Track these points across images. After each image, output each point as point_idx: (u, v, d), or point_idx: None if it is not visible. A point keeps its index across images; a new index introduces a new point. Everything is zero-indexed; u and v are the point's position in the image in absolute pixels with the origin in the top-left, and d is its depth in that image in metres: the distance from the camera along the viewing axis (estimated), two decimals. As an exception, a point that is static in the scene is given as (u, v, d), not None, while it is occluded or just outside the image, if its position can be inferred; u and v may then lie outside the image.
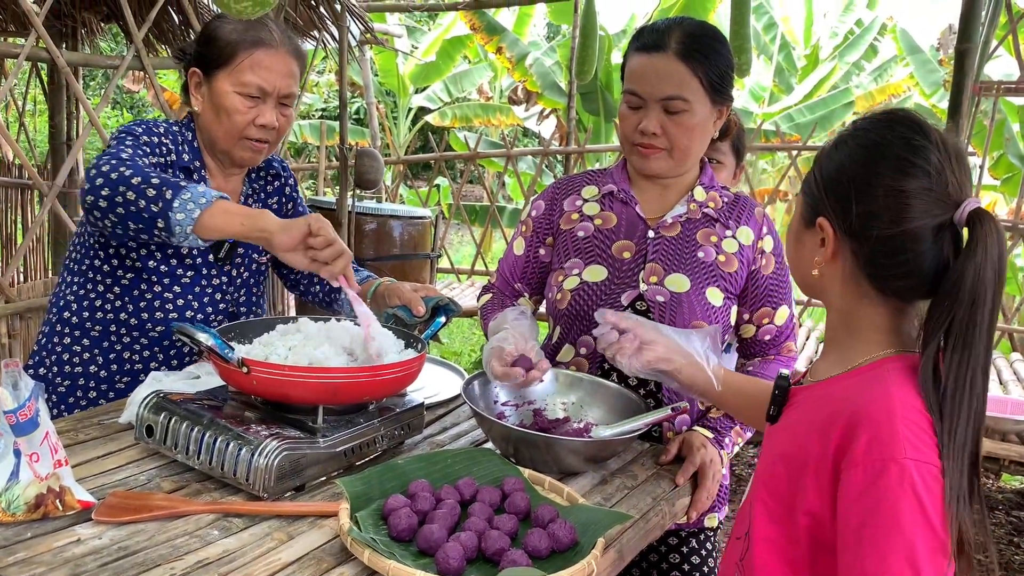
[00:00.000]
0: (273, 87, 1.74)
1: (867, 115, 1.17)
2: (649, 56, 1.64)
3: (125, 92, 13.64)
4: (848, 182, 1.10)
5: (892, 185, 1.07)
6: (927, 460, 1.00)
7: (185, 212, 1.46)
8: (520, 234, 1.87)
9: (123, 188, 1.49)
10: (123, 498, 1.25)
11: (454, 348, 7.32)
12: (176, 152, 1.76)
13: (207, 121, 1.78)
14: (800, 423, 1.17)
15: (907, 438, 1.01)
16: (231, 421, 1.36)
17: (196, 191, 1.48)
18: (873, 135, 1.11)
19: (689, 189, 1.76)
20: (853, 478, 1.02)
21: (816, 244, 1.15)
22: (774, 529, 1.15)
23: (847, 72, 11.63)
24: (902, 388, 1.06)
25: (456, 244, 11.88)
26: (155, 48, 4.31)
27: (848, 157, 1.12)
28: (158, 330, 1.78)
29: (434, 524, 1.18)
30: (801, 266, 1.21)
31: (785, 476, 1.14)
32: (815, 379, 1.22)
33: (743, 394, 1.50)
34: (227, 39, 1.73)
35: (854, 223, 1.09)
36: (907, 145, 1.08)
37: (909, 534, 0.97)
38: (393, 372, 1.43)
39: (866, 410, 1.05)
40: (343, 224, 4.20)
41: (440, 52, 11.31)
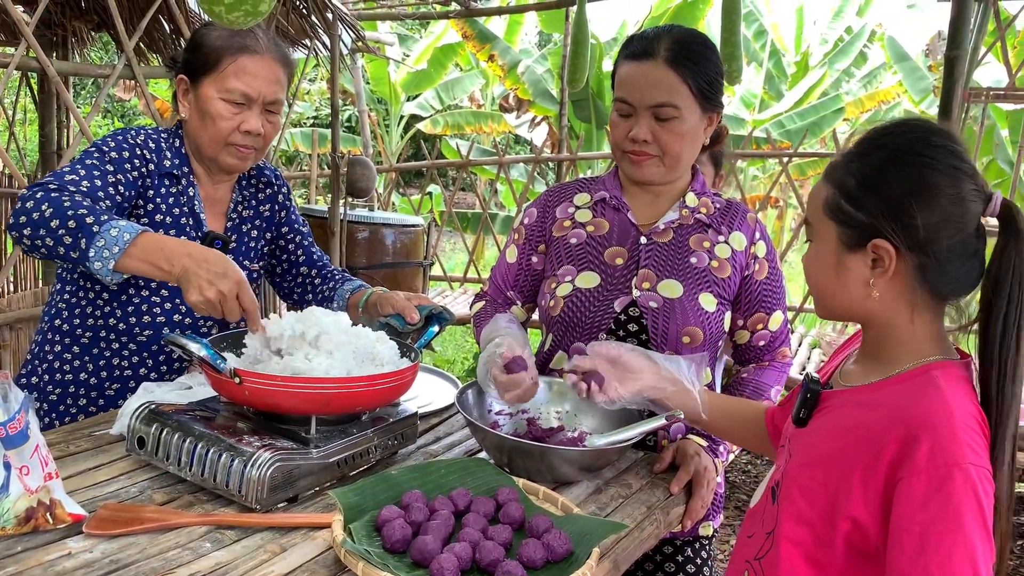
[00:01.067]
0: (258, 93, 1.74)
1: (882, 128, 1.16)
2: (639, 64, 1.64)
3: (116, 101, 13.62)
4: (906, 198, 1.09)
5: (953, 192, 1.08)
6: (984, 464, 1.03)
7: (101, 260, 1.44)
8: (513, 242, 1.87)
9: (43, 230, 1.47)
10: (114, 511, 1.24)
11: (447, 356, 7.31)
12: (158, 159, 1.76)
13: (194, 127, 1.78)
14: (841, 427, 1.16)
15: (968, 443, 1.03)
16: (223, 432, 1.35)
17: (109, 237, 1.44)
18: (914, 148, 1.11)
19: (681, 195, 1.77)
20: (916, 485, 1.03)
21: (866, 267, 1.13)
22: (805, 532, 1.15)
23: (837, 79, 11.69)
24: (956, 394, 1.08)
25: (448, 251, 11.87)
26: (146, 57, 4.31)
27: (896, 172, 1.10)
28: (146, 334, 1.77)
29: (428, 535, 1.17)
30: (845, 293, 1.17)
31: (824, 480, 1.14)
32: (850, 384, 1.21)
33: (730, 416, 1.50)
34: (212, 45, 1.74)
35: (920, 237, 1.09)
36: (949, 152, 1.09)
37: (971, 537, 1.00)
38: (387, 382, 1.42)
39: (925, 417, 1.05)
40: (335, 232, 4.20)
41: (431, 60, 11.33)
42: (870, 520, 1.07)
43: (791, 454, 1.23)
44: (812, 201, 1.21)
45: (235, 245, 1.88)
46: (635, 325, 1.69)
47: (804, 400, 1.23)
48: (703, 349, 1.70)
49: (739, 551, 1.31)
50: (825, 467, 1.14)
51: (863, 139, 1.17)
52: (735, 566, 1.31)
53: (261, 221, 1.96)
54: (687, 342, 1.67)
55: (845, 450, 1.12)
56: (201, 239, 1.79)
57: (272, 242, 2.01)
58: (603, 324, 1.70)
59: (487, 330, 1.69)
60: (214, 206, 1.87)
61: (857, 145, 1.17)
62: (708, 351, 1.72)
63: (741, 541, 1.31)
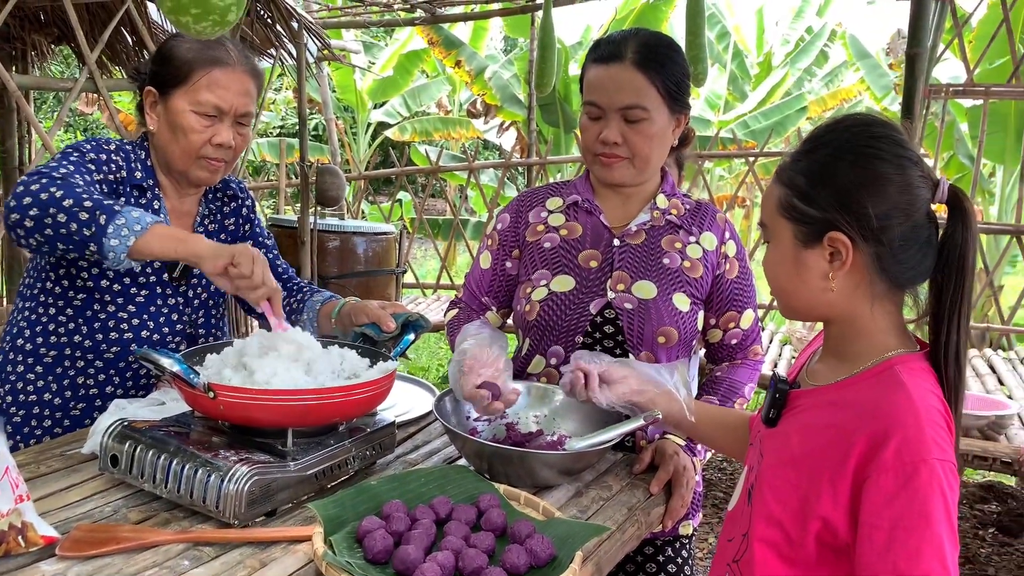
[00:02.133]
0: (230, 106, 1.73)
1: (826, 125, 1.19)
2: (607, 67, 1.65)
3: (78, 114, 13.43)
4: (855, 189, 1.11)
5: (900, 180, 1.10)
6: (950, 459, 1.05)
7: (119, 238, 1.45)
8: (486, 248, 1.87)
9: (53, 209, 1.46)
10: (88, 531, 1.22)
11: (421, 364, 7.28)
12: (128, 170, 1.74)
13: (163, 140, 1.75)
14: (810, 428, 1.17)
15: (933, 438, 1.05)
16: (198, 447, 1.33)
17: (131, 216, 1.47)
18: (858, 141, 1.13)
19: (651, 197, 1.78)
20: (883, 482, 1.04)
21: (824, 261, 1.15)
22: (776, 532, 1.16)
23: (799, 78, 11.83)
24: (920, 388, 1.10)
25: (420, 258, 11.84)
26: (109, 69, 4.25)
27: (843, 166, 1.12)
28: (113, 351, 1.74)
29: (410, 545, 1.16)
30: (805, 289, 1.18)
31: (795, 482, 1.15)
32: (816, 383, 1.22)
33: (715, 423, 1.51)
34: (183, 58, 1.72)
35: (874, 226, 1.10)
36: (893, 141, 1.12)
37: (938, 531, 1.02)
38: (363, 392, 1.41)
39: (891, 414, 1.07)
40: (305, 242, 4.16)
41: (398, 67, 11.30)
42: (840, 519, 1.09)
43: (762, 454, 1.24)
44: (766, 203, 1.22)
45: None
46: (611, 327, 1.69)
47: (773, 400, 1.24)
48: (678, 349, 1.71)
49: (720, 555, 1.32)
50: (796, 468, 1.16)
51: (809, 138, 1.19)
52: (717, 570, 1.31)
53: (227, 235, 1.94)
54: (662, 342, 1.68)
55: (815, 451, 1.13)
56: None
57: None
58: (579, 327, 1.70)
59: (460, 337, 1.68)
60: (181, 219, 1.84)
61: (804, 144, 1.19)
62: (683, 352, 1.73)
63: (722, 544, 1.32)
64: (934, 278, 1.15)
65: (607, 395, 1.47)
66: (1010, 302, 5.55)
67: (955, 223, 1.12)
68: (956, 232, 1.12)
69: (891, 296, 1.16)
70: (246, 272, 1.49)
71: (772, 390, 1.24)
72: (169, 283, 1.79)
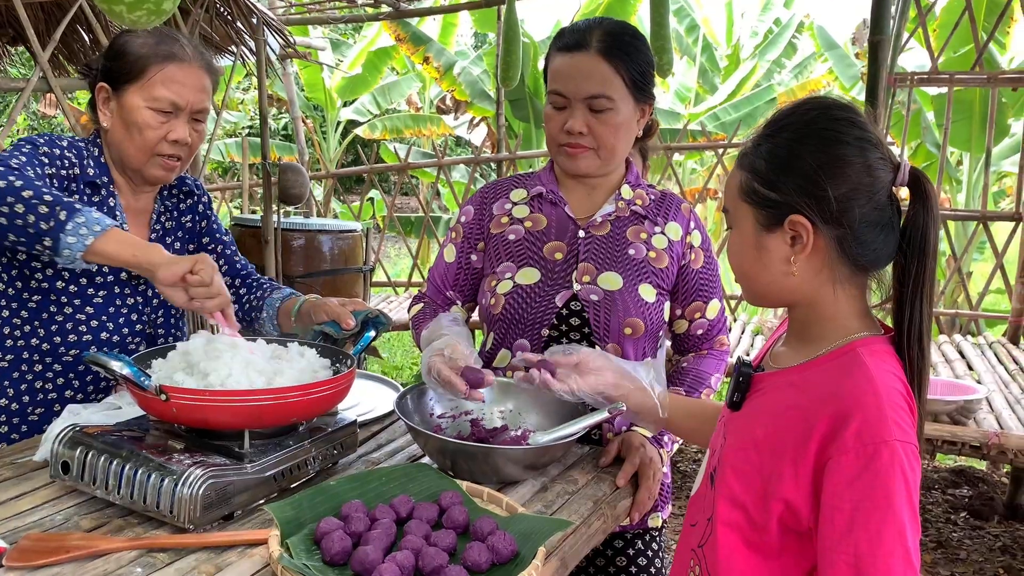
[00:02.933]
0: (186, 102, 1.70)
1: (787, 109, 1.18)
2: (572, 56, 1.63)
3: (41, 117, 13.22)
4: (815, 172, 1.10)
5: (860, 162, 1.09)
6: (911, 440, 1.04)
7: (77, 236, 1.42)
8: (451, 240, 1.84)
9: (11, 199, 1.43)
10: (37, 540, 1.18)
11: (395, 363, 7.25)
12: (80, 167, 1.70)
13: (117, 138, 1.71)
14: (772, 410, 1.17)
15: (894, 420, 1.04)
16: (152, 451, 1.30)
17: (91, 216, 1.44)
18: (818, 124, 1.13)
19: (616, 188, 1.76)
20: (844, 463, 1.04)
21: (785, 245, 1.14)
22: (740, 515, 1.15)
23: (768, 70, 11.89)
24: (881, 370, 1.09)
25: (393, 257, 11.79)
26: (66, 69, 4.17)
27: (804, 150, 1.11)
28: (71, 354, 1.70)
29: (369, 545, 1.13)
30: (767, 274, 1.17)
31: (758, 463, 1.14)
32: (780, 366, 1.22)
33: (692, 416, 1.50)
34: (137, 53, 1.68)
35: (834, 209, 1.09)
36: (853, 124, 1.11)
37: (899, 513, 1.01)
38: (321, 391, 1.38)
39: (852, 395, 1.07)
40: (269, 241, 4.10)
41: (366, 64, 11.21)
42: (801, 501, 1.08)
43: (725, 437, 1.24)
44: (728, 188, 1.22)
45: None
46: (577, 319, 1.68)
47: (737, 383, 1.24)
48: (645, 340, 1.70)
49: (684, 540, 1.31)
50: (759, 450, 1.15)
51: (769, 122, 1.18)
52: (681, 556, 1.30)
53: (184, 232, 1.91)
54: (629, 333, 1.66)
55: (776, 432, 1.13)
56: None
57: (195, 252, 1.94)
58: (545, 320, 1.68)
59: (429, 330, 1.66)
60: (136, 217, 1.81)
61: (765, 128, 1.18)
62: (650, 343, 1.72)
63: (686, 530, 1.31)
64: (897, 261, 1.14)
65: (578, 384, 1.45)
66: (978, 288, 5.61)
67: (916, 205, 1.12)
68: (918, 214, 1.11)
69: (854, 280, 1.15)
70: (207, 280, 1.46)
71: (736, 374, 1.24)
72: (128, 283, 1.75)
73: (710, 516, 1.21)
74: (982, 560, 3.71)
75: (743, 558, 1.15)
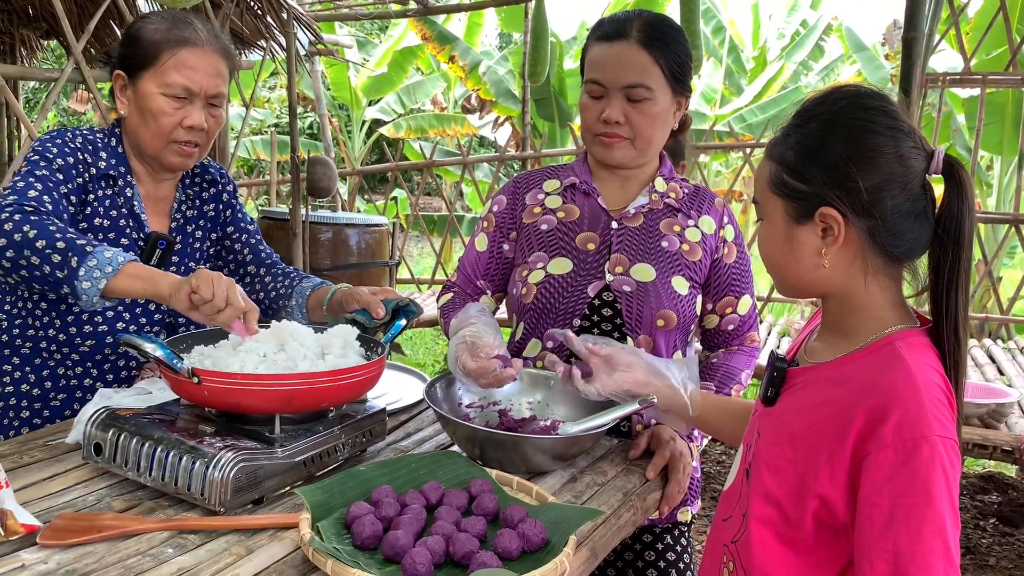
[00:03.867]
0: (200, 87, 1.68)
1: (816, 98, 1.15)
2: (611, 44, 1.63)
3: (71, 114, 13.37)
4: (846, 163, 1.08)
5: (892, 152, 1.07)
6: (951, 436, 1.02)
7: (91, 280, 1.43)
8: (482, 230, 1.83)
9: (27, 252, 1.44)
10: (70, 520, 1.19)
11: (417, 359, 7.26)
12: (95, 163, 1.69)
13: (133, 125, 1.71)
14: (808, 405, 1.15)
15: (934, 415, 1.02)
16: (184, 434, 1.30)
17: (103, 257, 1.44)
18: (848, 113, 1.10)
19: (650, 180, 1.75)
20: (883, 459, 1.02)
21: (816, 237, 1.12)
22: (774, 511, 1.14)
23: (795, 72, 11.82)
24: (920, 364, 1.07)
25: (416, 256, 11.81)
26: (97, 62, 4.21)
27: (834, 140, 1.09)
28: (88, 344, 1.70)
29: (399, 530, 1.13)
30: (799, 266, 1.15)
31: (792, 459, 1.12)
32: (814, 360, 1.20)
33: (724, 413, 1.48)
34: (150, 39, 1.67)
35: (865, 201, 1.07)
36: (884, 112, 1.09)
37: (940, 510, 0.99)
38: (352, 377, 1.38)
39: (891, 390, 1.04)
40: (297, 234, 4.12)
41: (392, 63, 11.25)
42: (838, 497, 1.07)
43: (759, 432, 1.22)
44: (757, 180, 1.20)
45: (180, 246, 1.81)
46: (609, 310, 1.67)
47: (771, 379, 1.22)
48: (676, 333, 1.68)
49: (715, 535, 1.29)
50: (794, 445, 1.13)
51: (799, 111, 1.16)
52: (712, 550, 1.29)
53: (206, 221, 1.90)
54: (661, 325, 1.65)
55: (813, 428, 1.11)
56: (144, 239, 1.73)
57: (218, 242, 1.94)
58: (577, 310, 1.67)
59: (457, 319, 1.65)
60: (156, 205, 1.80)
61: (794, 118, 1.16)
62: (681, 337, 1.71)
63: (717, 525, 1.30)
64: (932, 251, 1.12)
65: (604, 383, 1.45)
66: (1008, 293, 5.53)
67: (951, 193, 1.09)
68: (952, 202, 1.09)
69: (888, 270, 1.13)
70: (206, 296, 1.40)
71: (770, 368, 1.22)
72: None
73: (744, 512, 1.19)
74: (1012, 567, 3.66)
75: (777, 554, 1.13)
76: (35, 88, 12.85)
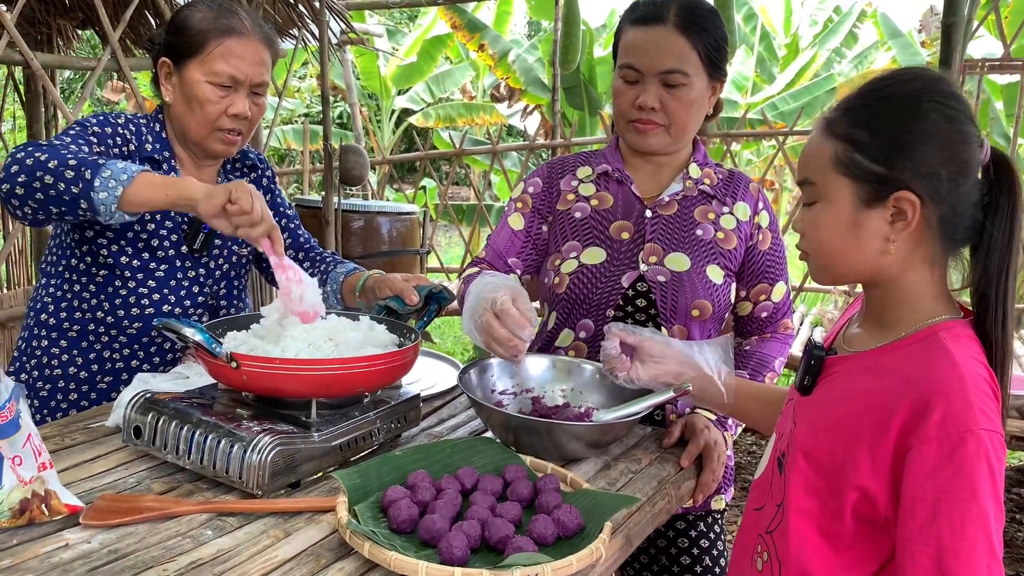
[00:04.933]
0: (245, 76, 1.71)
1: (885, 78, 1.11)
2: (647, 29, 1.60)
3: (106, 103, 13.53)
4: (928, 146, 1.05)
5: (963, 138, 1.06)
6: (996, 429, 1.00)
7: (107, 190, 1.43)
8: (516, 210, 1.80)
9: (40, 173, 1.45)
10: (112, 501, 1.21)
11: (446, 348, 7.28)
12: (139, 142, 1.72)
13: (179, 112, 1.74)
14: (847, 395, 1.13)
15: (980, 408, 1.00)
16: (221, 418, 1.32)
17: (116, 167, 1.45)
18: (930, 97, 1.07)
19: (684, 167, 1.73)
20: (928, 453, 1.00)
21: (884, 222, 1.09)
22: (814, 502, 1.12)
23: (828, 59, 11.65)
24: (965, 355, 1.05)
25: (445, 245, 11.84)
26: (132, 52, 4.25)
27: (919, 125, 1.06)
28: (135, 327, 1.73)
29: (435, 514, 1.14)
30: (859, 251, 1.11)
31: (830, 449, 1.11)
32: (854, 349, 1.18)
33: (758, 401, 1.46)
34: (197, 28, 1.69)
35: (945, 187, 1.06)
36: (959, 99, 1.07)
37: (984, 504, 0.98)
38: (387, 362, 1.39)
39: (935, 382, 1.03)
40: (329, 222, 4.15)
41: (421, 52, 11.26)
42: (879, 490, 1.05)
43: (795, 422, 1.20)
44: (812, 159, 1.15)
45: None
46: (643, 300, 1.66)
47: (808, 367, 1.19)
48: (712, 322, 1.67)
49: (748, 524, 1.28)
50: (831, 435, 1.11)
51: (864, 91, 1.12)
52: (745, 539, 1.27)
53: None
54: (696, 315, 1.64)
55: (852, 418, 1.09)
56: (187, 223, 1.76)
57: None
58: (611, 300, 1.66)
59: (477, 282, 1.54)
60: None
61: (858, 96, 1.12)
62: (716, 325, 1.69)
63: (749, 514, 1.28)
64: (980, 241, 1.10)
65: (638, 373, 1.45)
66: (1047, 283, 5.42)
67: (1001, 184, 1.08)
68: (1003, 193, 1.08)
69: (943, 260, 1.11)
70: (246, 207, 1.42)
71: (807, 356, 1.20)
72: (189, 255, 1.78)
73: (780, 502, 1.18)
74: (1048, 561, 3.60)
75: (816, 547, 1.12)
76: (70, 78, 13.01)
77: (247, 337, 1.47)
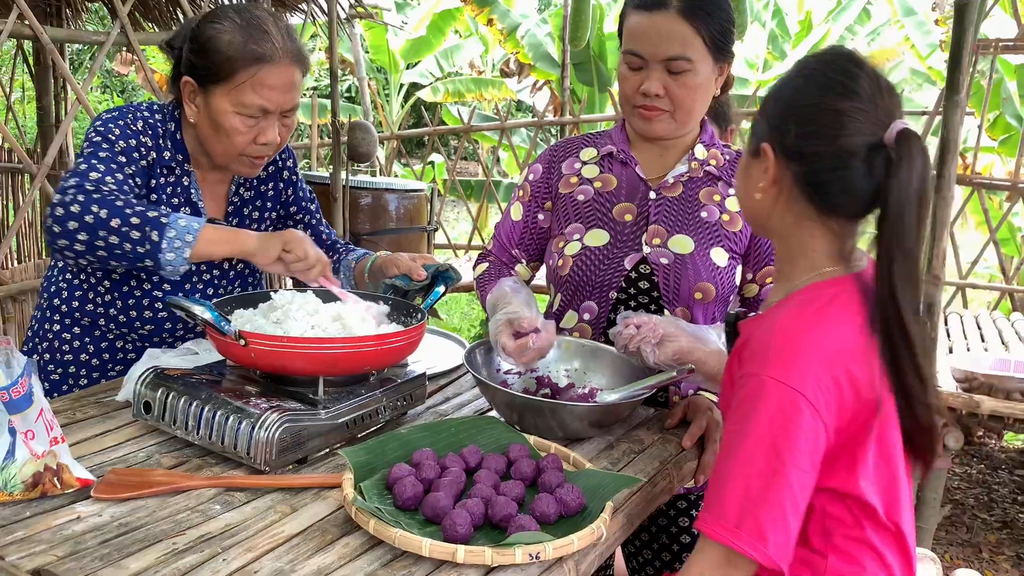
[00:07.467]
0: (276, 105, 1.63)
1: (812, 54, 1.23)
2: (650, 15, 1.59)
3: (115, 75, 13.50)
4: (787, 107, 1.18)
5: (828, 105, 1.14)
6: (793, 385, 1.07)
7: (174, 252, 1.48)
8: (518, 199, 1.83)
9: (103, 232, 1.46)
10: (123, 475, 1.24)
11: (453, 324, 7.31)
12: (157, 149, 1.68)
13: (204, 134, 1.67)
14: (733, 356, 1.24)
15: (779, 356, 1.09)
16: (230, 395, 1.34)
17: (179, 226, 1.49)
18: (813, 66, 1.19)
19: (690, 148, 1.73)
20: (729, 392, 1.15)
21: (761, 172, 1.21)
22: None
23: (841, 36, 11.52)
24: (805, 309, 1.14)
25: (452, 221, 11.82)
26: (142, 25, 4.24)
27: (790, 87, 1.19)
28: (147, 328, 1.73)
29: (440, 492, 1.16)
30: (747, 197, 1.25)
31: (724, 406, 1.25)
32: (763, 311, 1.28)
33: None
34: (225, 53, 1.58)
35: (792, 143, 1.16)
36: (843, 71, 1.16)
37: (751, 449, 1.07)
38: (393, 341, 1.40)
39: (759, 330, 1.15)
40: (338, 199, 4.15)
41: (430, 26, 11.17)
42: None
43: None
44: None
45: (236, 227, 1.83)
46: (646, 283, 1.66)
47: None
48: (715, 305, 1.68)
49: None
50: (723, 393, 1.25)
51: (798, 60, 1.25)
52: None
53: (264, 200, 1.88)
54: (699, 298, 1.64)
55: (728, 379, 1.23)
56: None
57: (279, 221, 1.93)
58: (613, 282, 1.67)
59: (493, 296, 1.66)
60: (213, 188, 1.79)
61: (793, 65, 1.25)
62: (720, 309, 1.70)
63: None
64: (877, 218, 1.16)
65: (656, 353, 1.48)
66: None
67: (898, 165, 1.10)
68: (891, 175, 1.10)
69: (824, 221, 1.18)
70: (300, 255, 1.54)
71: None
72: None
73: None
74: (1049, 543, 3.62)
75: None
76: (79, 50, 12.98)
77: (253, 315, 1.48)
